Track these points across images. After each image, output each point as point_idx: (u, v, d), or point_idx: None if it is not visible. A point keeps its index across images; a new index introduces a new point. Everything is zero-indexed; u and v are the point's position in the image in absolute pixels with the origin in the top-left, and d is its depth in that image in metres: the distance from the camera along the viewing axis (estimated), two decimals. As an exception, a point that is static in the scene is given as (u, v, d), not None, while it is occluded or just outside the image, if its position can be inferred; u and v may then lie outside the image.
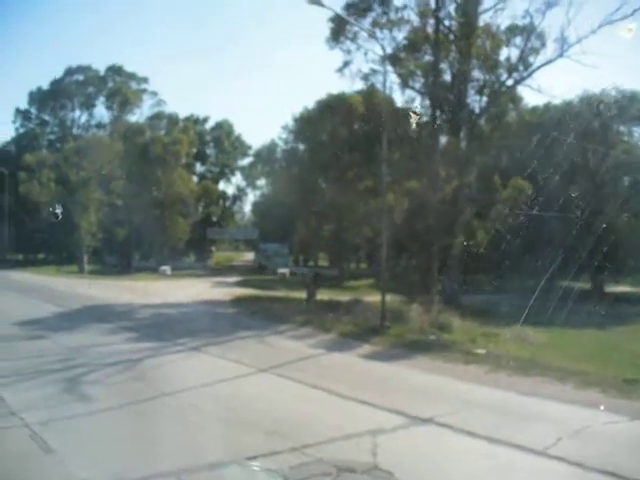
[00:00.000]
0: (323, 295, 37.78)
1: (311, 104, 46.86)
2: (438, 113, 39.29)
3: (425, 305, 28.78)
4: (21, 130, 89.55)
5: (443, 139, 39.46)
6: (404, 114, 38.41)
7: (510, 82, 39.39)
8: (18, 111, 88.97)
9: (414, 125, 36.09)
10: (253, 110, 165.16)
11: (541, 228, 49.69)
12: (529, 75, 38.31)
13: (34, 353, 20.54)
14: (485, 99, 40.37)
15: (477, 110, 40.51)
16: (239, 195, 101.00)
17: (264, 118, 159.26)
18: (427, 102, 41.12)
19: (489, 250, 49.85)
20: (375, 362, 20.75)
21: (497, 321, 27.72)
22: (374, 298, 37.50)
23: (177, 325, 28.10)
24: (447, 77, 39.70)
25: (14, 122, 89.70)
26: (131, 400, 14.65)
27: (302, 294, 39.06)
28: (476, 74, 39.88)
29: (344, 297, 38.28)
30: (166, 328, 27.11)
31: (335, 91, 43.23)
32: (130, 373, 17.85)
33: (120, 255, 74.75)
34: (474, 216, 42.36)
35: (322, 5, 25.04)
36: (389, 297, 34.82)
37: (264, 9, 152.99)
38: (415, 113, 35.16)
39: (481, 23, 38.42)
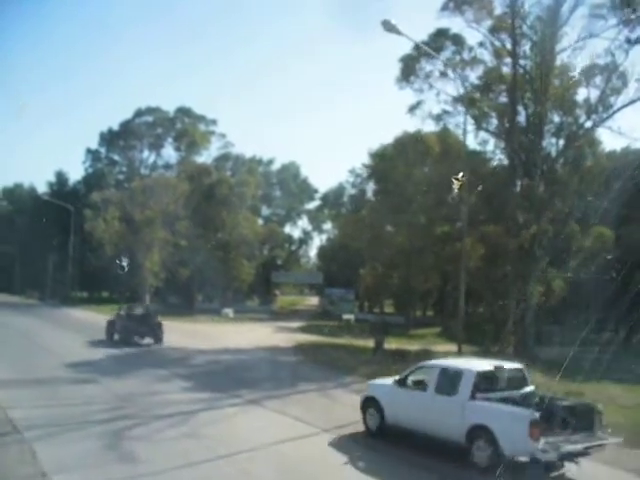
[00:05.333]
0: (389, 343, 35.89)
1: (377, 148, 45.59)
2: (513, 156, 37.51)
3: (500, 357, 26.68)
4: (90, 170, 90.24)
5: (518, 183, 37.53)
6: (480, 157, 36.93)
7: (589, 124, 37.14)
8: (89, 151, 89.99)
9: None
10: (319, 154, 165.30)
11: (620, 277, 47.14)
12: (609, 117, 35.94)
13: (80, 399, 19.24)
14: (562, 142, 38.37)
15: (553, 153, 38.50)
16: (305, 239, 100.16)
17: (330, 162, 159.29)
18: (501, 144, 39.55)
19: (563, 299, 47.62)
20: None
21: (576, 376, 25.41)
22: (443, 348, 35.89)
23: (235, 374, 26.46)
24: (521, 118, 37.84)
25: (84, 162, 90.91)
26: (180, 463, 12.97)
27: (368, 342, 37.38)
28: (553, 116, 38.02)
29: (412, 346, 36.47)
30: (223, 377, 25.60)
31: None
32: (181, 428, 16.21)
33: (182, 296, 74.03)
34: (549, 264, 40.23)
35: (399, 33, 23.59)
36: (455, 347, 33.04)
37: (330, 52, 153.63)
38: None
39: (558, 62, 36.45)
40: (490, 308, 38.15)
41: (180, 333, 43.19)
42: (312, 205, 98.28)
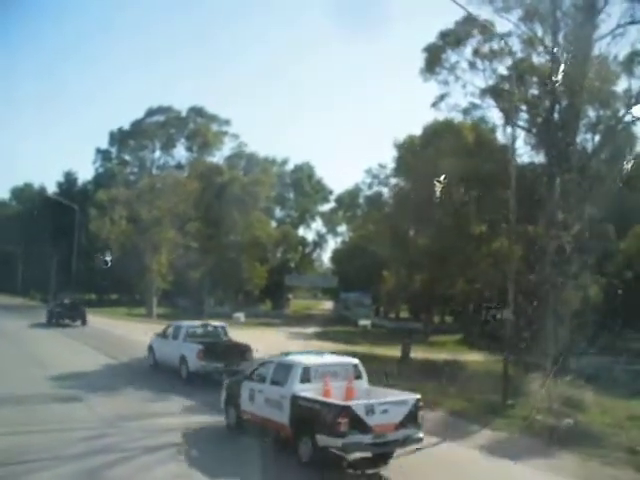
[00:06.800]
0: (414, 352, 33.18)
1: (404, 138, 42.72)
2: (545, 152, 34.69)
3: (539, 371, 23.77)
4: (101, 170, 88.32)
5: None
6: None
7: (628, 118, 34.14)
8: (99, 151, 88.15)
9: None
10: (334, 155, 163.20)
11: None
12: (652, 109, 32.93)
13: (57, 424, 16.31)
14: (598, 137, 35.58)
15: (589, 149, 35.68)
16: (319, 241, 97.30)
17: (346, 163, 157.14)
18: (531, 140, 36.78)
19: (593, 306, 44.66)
20: (504, 460, 15.23)
21: (623, 392, 22.46)
22: (470, 358, 34.25)
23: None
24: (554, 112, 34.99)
25: (94, 162, 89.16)
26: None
27: (389, 350, 35.32)
28: (588, 109, 35.17)
29: (436, 355, 34.59)
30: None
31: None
32: (173, 467, 13.20)
33: (192, 299, 71.40)
34: (584, 268, 37.42)
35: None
36: (481, 356, 32.43)
37: (345, 50, 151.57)
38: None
39: (596, 51, 33.49)
40: (526, 315, 35.14)
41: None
42: (327, 207, 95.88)
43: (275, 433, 15.22)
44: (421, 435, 14.30)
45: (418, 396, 14.63)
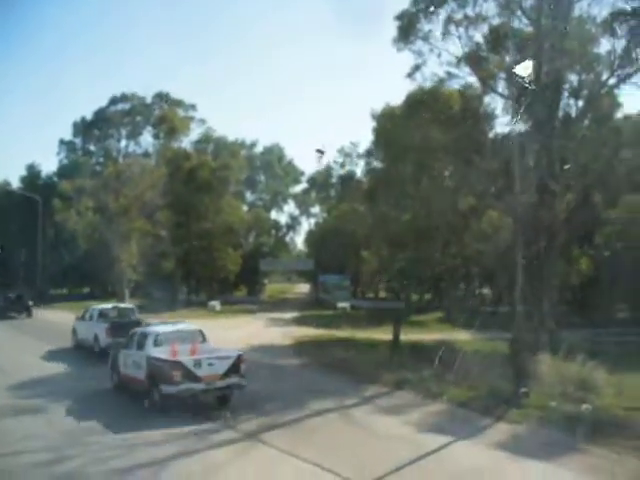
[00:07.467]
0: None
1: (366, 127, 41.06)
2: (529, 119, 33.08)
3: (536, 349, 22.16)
4: (65, 161, 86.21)
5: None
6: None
7: (613, 81, 32.56)
8: (62, 142, 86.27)
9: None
10: (302, 134, 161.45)
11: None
12: (636, 71, 31.29)
13: (9, 445, 14.22)
14: (581, 102, 34.18)
15: (573, 115, 34.28)
16: (292, 224, 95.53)
17: (315, 144, 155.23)
18: (510, 107, 35.24)
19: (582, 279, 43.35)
20: (529, 461, 13.06)
21: (619, 366, 20.82)
22: (458, 337, 32.89)
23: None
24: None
25: (58, 153, 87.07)
26: None
27: (372, 333, 34.38)
28: (571, 73, 33.73)
29: (423, 336, 33.61)
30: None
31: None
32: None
33: (166, 289, 69.47)
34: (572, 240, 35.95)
35: None
36: (468, 335, 31.53)
37: (315, 34, 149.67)
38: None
39: (577, 11, 31.91)
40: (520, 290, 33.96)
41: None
42: (298, 188, 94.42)
43: (140, 387, 18.50)
44: (244, 383, 18.00)
45: (240, 352, 18.47)
